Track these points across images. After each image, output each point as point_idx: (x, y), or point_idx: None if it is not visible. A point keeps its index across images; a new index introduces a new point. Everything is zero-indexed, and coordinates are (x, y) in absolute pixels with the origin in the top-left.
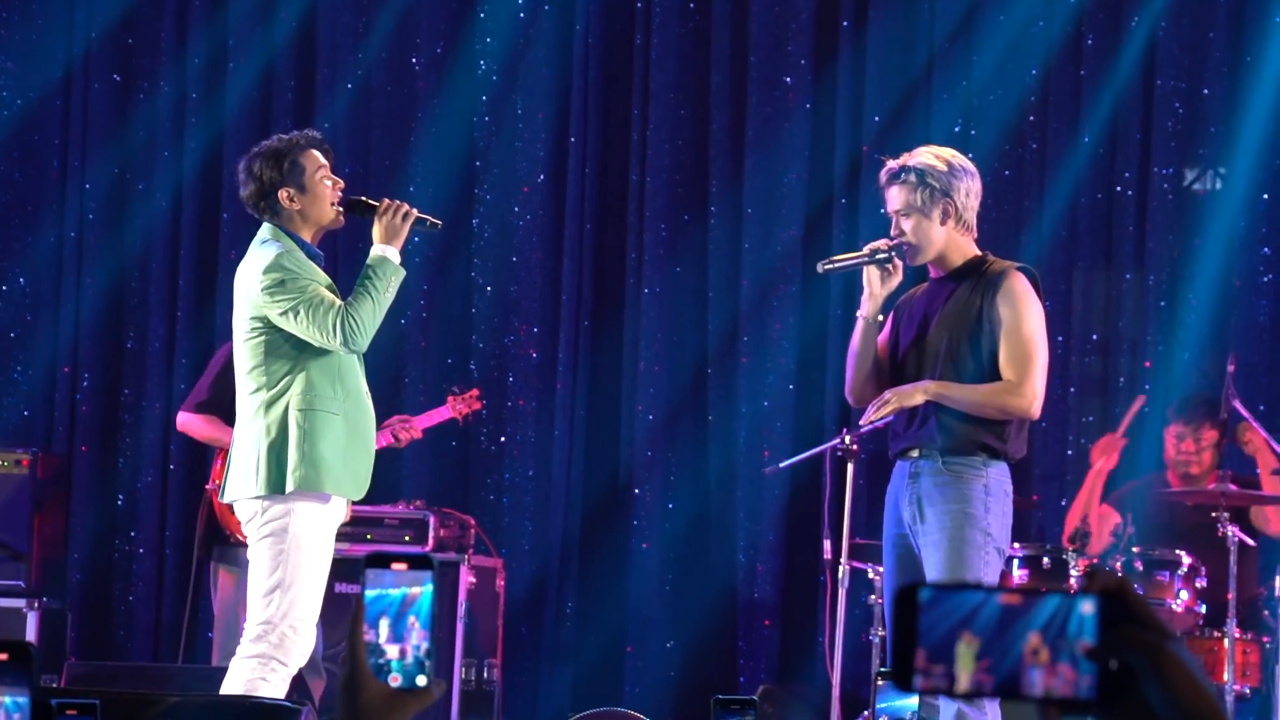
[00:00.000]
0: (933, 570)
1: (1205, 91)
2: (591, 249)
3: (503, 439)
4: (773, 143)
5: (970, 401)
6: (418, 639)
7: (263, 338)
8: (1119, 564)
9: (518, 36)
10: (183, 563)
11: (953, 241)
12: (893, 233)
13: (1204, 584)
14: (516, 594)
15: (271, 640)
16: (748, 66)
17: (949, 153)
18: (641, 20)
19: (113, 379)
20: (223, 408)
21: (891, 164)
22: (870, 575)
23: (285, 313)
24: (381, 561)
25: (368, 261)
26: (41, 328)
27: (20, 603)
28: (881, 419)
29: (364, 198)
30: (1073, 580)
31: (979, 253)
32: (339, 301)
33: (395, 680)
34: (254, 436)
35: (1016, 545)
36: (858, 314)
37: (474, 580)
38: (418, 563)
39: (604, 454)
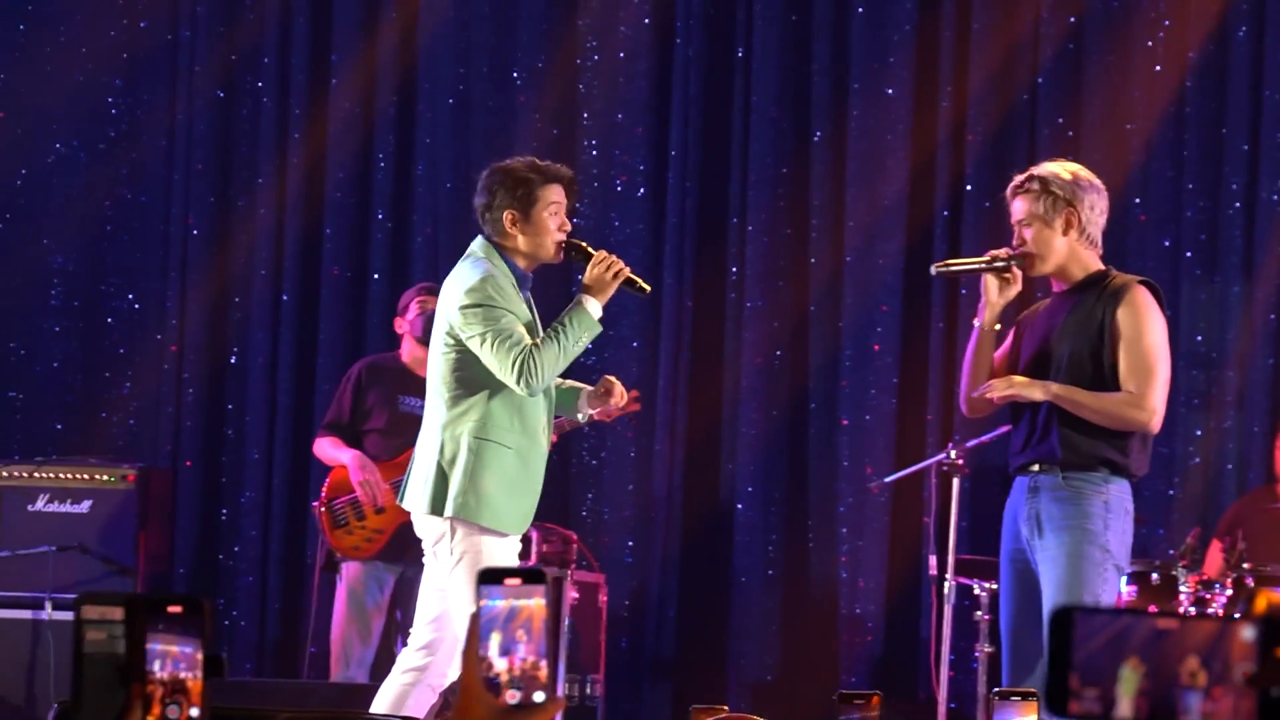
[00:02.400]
0: (1049, 587)
1: None
2: (692, 263)
3: (604, 454)
4: (874, 155)
5: (1091, 408)
6: (525, 652)
7: (454, 356)
8: (1230, 580)
9: (618, 49)
10: (287, 577)
11: (1075, 254)
12: (1015, 243)
13: None
14: (618, 609)
15: (429, 663)
16: (849, 78)
17: (1076, 166)
18: (742, 32)
19: (216, 394)
20: (341, 427)
21: (1018, 176)
22: (976, 591)
23: (474, 337)
24: (494, 577)
25: (568, 308)
26: (148, 343)
27: None
28: (996, 395)
29: (584, 244)
30: (1182, 597)
31: (1102, 267)
32: (528, 340)
33: (512, 697)
34: (431, 453)
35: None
36: (974, 322)
37: (577, 595)
38: (530, 577)
39: (705, 469)
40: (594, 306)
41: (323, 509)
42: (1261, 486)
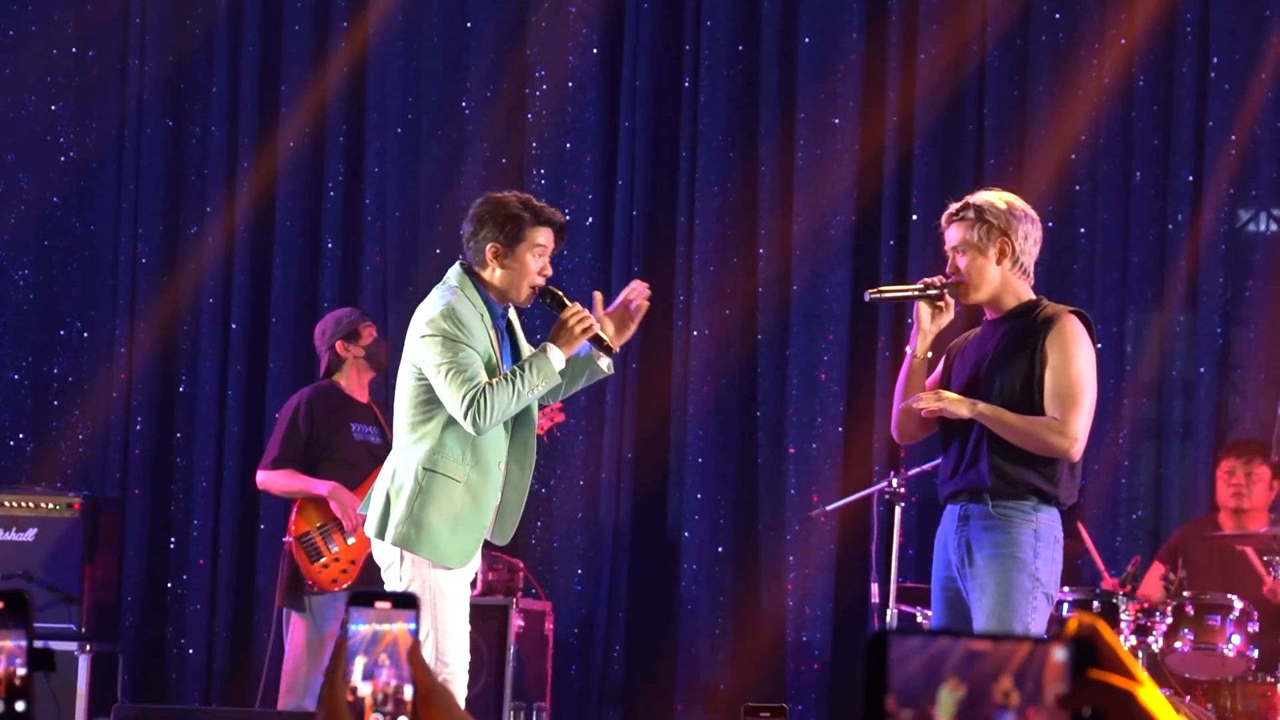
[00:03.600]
0: (980, 615)
1: (1258, 132)
2: None
3: (552, 481)
4: (821, 184)
5: (1015, 430)
6: (388, 676)
7: (415, 383)
8: (1170, 608)
9: (566, 79)
10: (236, 606)
11: (1008, 283)
12: (948, 270)
13: (1256, 629)
14: (566, 637)
15: None
16: (796, 108)
17: (1010, 196)
18: (690, 63)
19: (165, 423)
20: (295, 459)
21: (953, 205)
22: (919, 619)
23: (430, 367)
24: (365, 600)
25: (531, 354)
26: (96, 372)
27: (72, 646)
28: (922, 407)
29: (560, 293)
30: (1123, 624)
31: (1034, 297)
32: (483, 378)
33: None
34: (385, 479)
35: (1066, 589)
36: (906, 349)
37: (522, 623)
38: (400, 602)
39: (653, 497)
40: (557, 357)
41: (294, 543)
42: (1204, 515)
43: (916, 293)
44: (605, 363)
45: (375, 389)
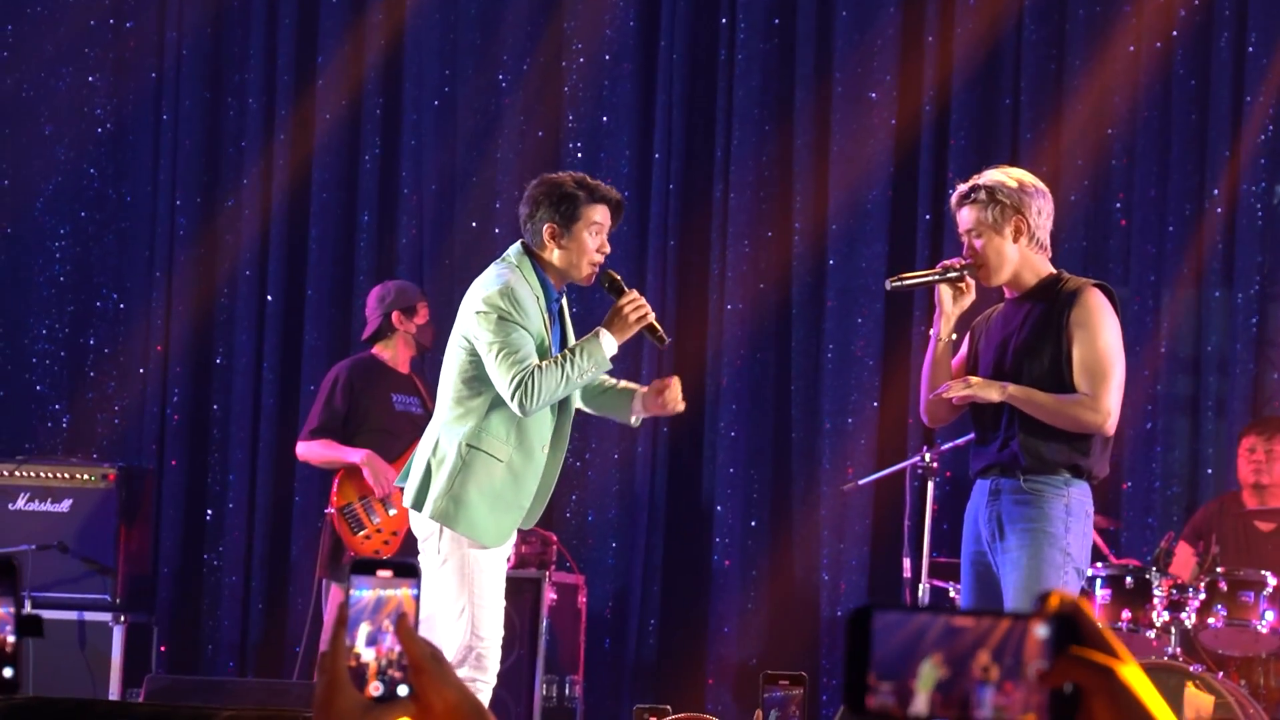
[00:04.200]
0: (1010, 589)
1: None
2: (675, 265)
3: (587, 455)
4: (857, 159)
5: (1047, 409)
6: (392, 643)
7: (466, 358)
8: (1203, 584)
9: (602, 52)
10: (270, 578)
11: (1026, 260)
12: (965, 254)
13: None
14: (599, 610)
15: (471, 662)
16: (832, 82)
17: (1019, 172)
18: (726, 36)
19: (201, 395)
20: (334, 430)
21: (961, 186)
22: (951, 594)
23: (485, 344)
24: (366, 568)
25: (584, 338)
26: (133, 343)
27: (106, 617)
28: (953, 395)
29: (619, 278)
30: (1155, 600)
31: (1054, 271)
32: (534, 360)
33: (376, 689)
34: (426, 450)
35: (1099, 565)
36: (930, 332)
37: (555, 597)
38: (401, 570)
39: (687, 471)
40: (609, 343)
41: (335, 514)
42: (1228, 493)
43: (936, 277)
44: (636, 419)
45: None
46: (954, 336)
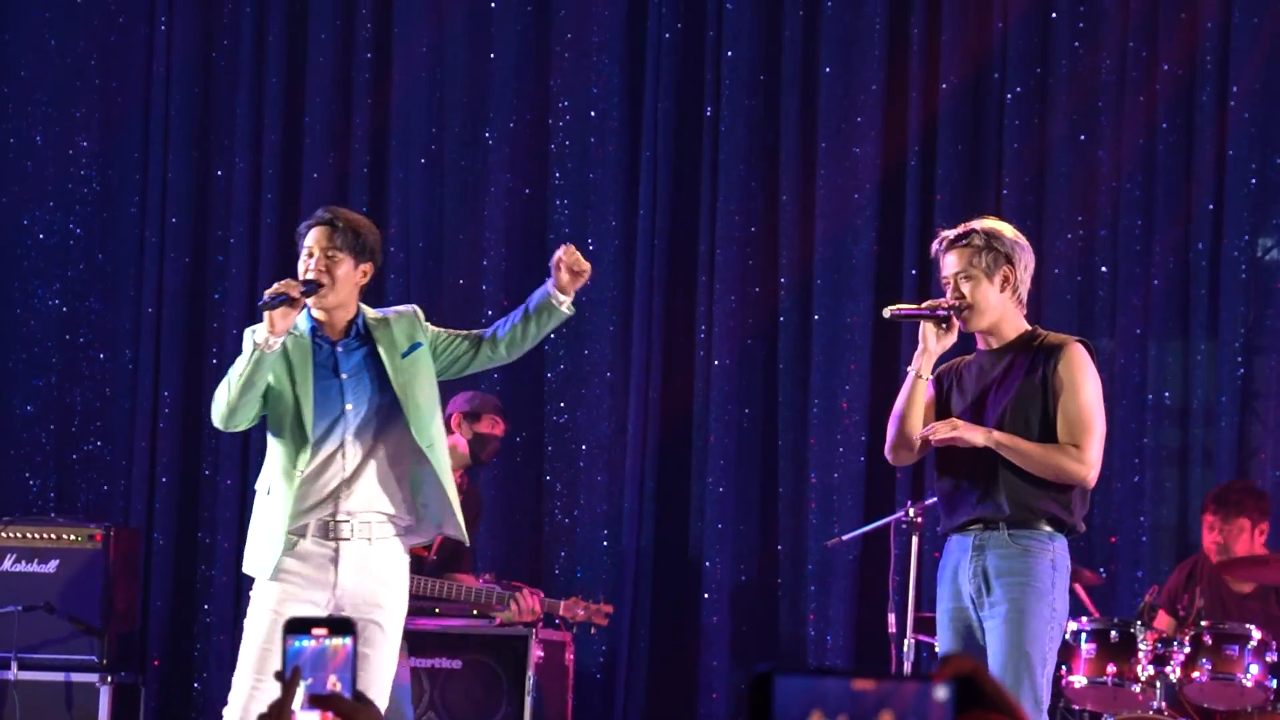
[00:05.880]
0: (997, 645)
1: (1278, 161)
2: (661, 320)
3: (576, 511)
4: (842, 213)
5: (1033, 458)
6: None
7: None
8: (1188, 638)
9: (589, 108)
10: None
11: (1007, 312)
12: (950, 296)
13: (1275, 658)
14: (588, 667)
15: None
16: (817, 137)
17: (1009, 225)
18: (711, 91)
19: (192, 453)
20: None
21: (948, 232)
22: (937, 649)
23: None
24: (301, 627)
25: None
26: (120, 403)
27: (94, 677)
28: (938, 438)
29: (278, 291)
30: (1140, 654)
31: (1029, 327)
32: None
33: None
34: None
35: (1083, 619)
36: (908, 369)
37: (542, 654)
38: (338, 627)
39: (675, 526)
40: (250, 334)
41: None
42: (1193, 557)
43: (926, 313)
44: (565, 306)
45: None
46: (929, 377)
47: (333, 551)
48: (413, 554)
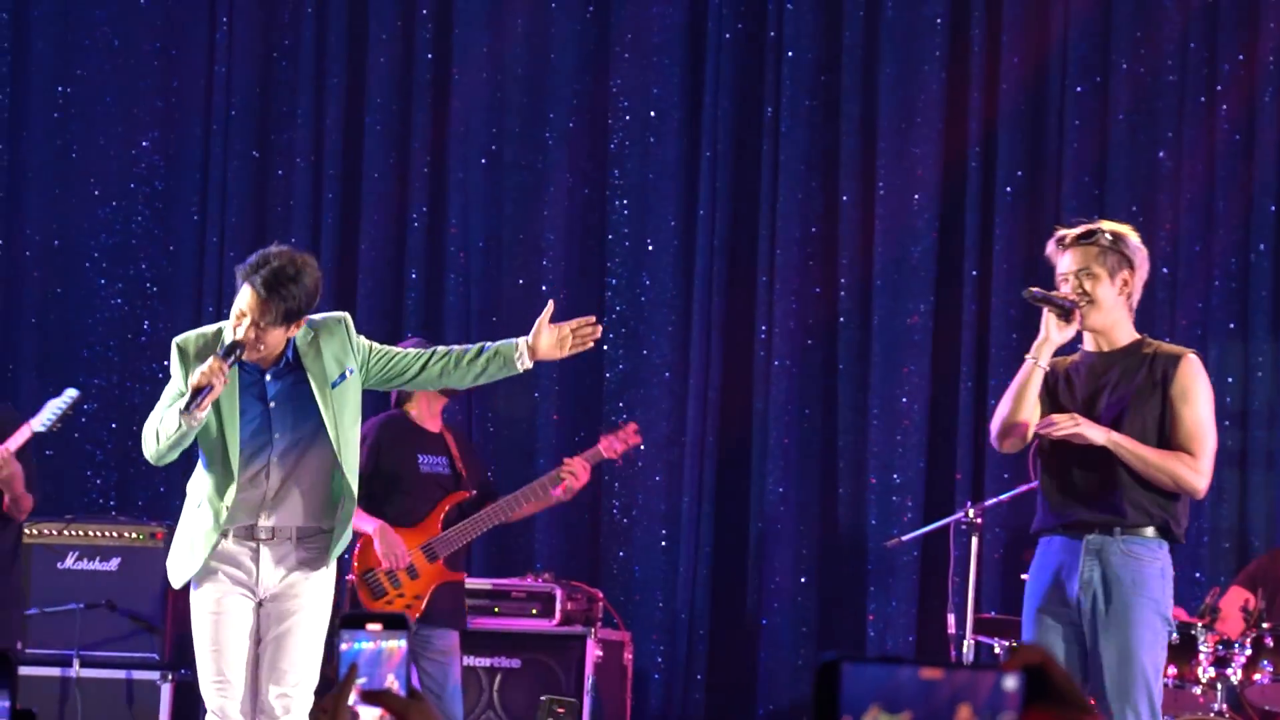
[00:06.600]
0: (1111, 651)
1: None
2: (721, 321)
3: (634, 511)
4: (902, 214)
5: (1152, 463)
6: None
7: None
8: (1249, 640)
9: (649, 109)
10: None
11: (1121, 316)
12: (1071, 291)
13: None
14: (647, 667)
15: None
16: (877, 137)
17: (1134, 231)
18: (771, 92)
19: None
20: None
21: (1070, 230)
22: (996, 650)
23: None
24: (357, 623)
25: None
26: None
27: (154, 675)
28: (1058, 433)
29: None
30: (1202, 656)
31: (1139, 335)
32: (157, 411)
33: None
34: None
35: None
36: (1028, 357)
37: (601, 654)
38: (392, 624)
39: (733, 526)
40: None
41: (357, 580)
42: None
43: (1058, 300)
44: (528, 365)
45: (450, 414)
46: (1046, 367)
47: (253, 551)
48: (455, 500)
